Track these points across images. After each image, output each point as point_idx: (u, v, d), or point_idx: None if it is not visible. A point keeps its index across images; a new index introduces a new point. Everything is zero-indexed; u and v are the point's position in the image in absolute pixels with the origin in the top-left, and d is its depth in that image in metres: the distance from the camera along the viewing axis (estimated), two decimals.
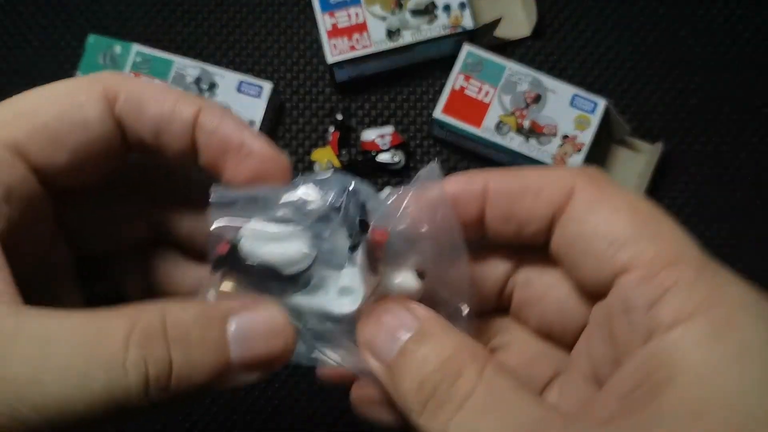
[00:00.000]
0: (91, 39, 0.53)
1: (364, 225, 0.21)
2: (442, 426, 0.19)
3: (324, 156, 0.54)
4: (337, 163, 0.54)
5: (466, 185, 0.23)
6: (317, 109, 0.57)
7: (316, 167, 0.54)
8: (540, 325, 0.25)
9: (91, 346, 0.17)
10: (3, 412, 0.16)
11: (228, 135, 0.23)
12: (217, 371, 0.19)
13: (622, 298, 0.20)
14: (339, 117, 0.55)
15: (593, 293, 0.22)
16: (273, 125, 0.56)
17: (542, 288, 0.24)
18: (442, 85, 0.53)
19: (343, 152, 0.55)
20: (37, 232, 0.22)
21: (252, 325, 0.20)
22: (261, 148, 0.23)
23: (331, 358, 0.22)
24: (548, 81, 0.51)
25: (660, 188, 0.55)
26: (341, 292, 0.22)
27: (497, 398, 0.19)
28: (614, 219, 0.21)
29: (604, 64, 0.57)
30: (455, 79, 0.51)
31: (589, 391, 0.22)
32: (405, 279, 0.22)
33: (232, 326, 0.19)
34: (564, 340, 0.24)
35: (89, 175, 0.23)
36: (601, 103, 0.51)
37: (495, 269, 0.25)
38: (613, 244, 0.20)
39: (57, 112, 0.21)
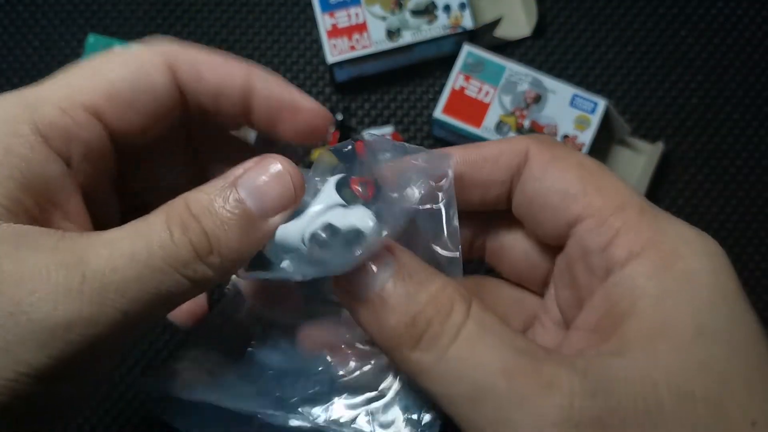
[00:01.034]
0: (91, 38, 0.53)
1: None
2: (437, 357, 0.20)
3: (324, 156, 0.54)
4: (336, 163, 0.54)
5: None
6: None
7: None
8: (511, 274, 0.27)
9: (145, 238, 0.20)
10: (94, 298, 0.19)
11: (281, 97, 0.25)
12: (244, 223, 0.21)
13: (580, 245, 0.23)
14: (339, 117, 0.55)
15: (553, 244, 0.24)
16: None
17: (509, 240, 0.27)
18: (442, 85, 0.53)
19: None
20: (102, 186, 0.25)
21: (257, 177, 0.22)
22: (310, 105, 0.26)
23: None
24: (548, 81, 0.51)
25: (660, 188, 0.55)
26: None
27: (487, 330, 0.20)
28: (565, 176, 0.23)
29: (604, 64, 0.57)
30: (455, 79, 0.51)
31: (560, 335, 0.25)
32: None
33: (242, 186, 0.21)
34: (535, 287, 0.27)
35: (151, 135, 0.25)
36: (601, 103, 0.51)
37: (465, 226, 0.27)
38: (565, 198, 0.23)
39: (130, 80, 0.24)
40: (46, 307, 0.19)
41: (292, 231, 0.22)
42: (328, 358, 0.25)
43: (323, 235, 0.21)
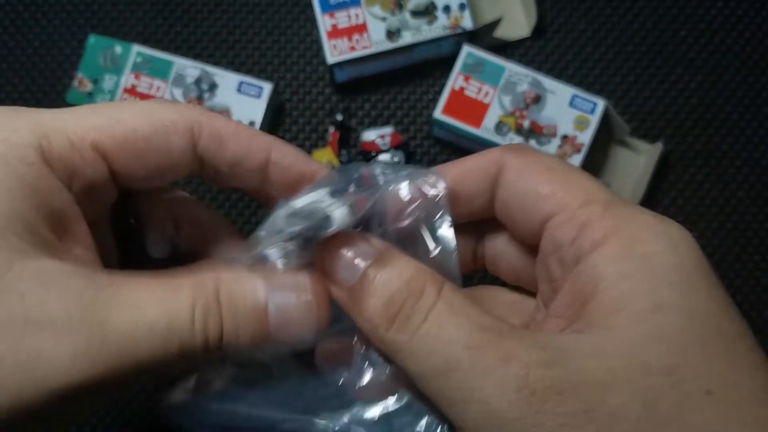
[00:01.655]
0: (92, 39, 0.53)
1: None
2: (410, 336, 0.22)
3: (324, 156, 0.55)
4: (337, 163, 0.54)
5: None
6: (317, 109, 0.57)
7: None
8: (510, 277, 0.29)
9: (169, 312, 0.21)
10: (109, 363, 0.20)
11: (302, 171, 0.27)
12: (257, 339, 0.22)
13: (552, 240, 0.24)
14: (339, 117, 0.55)
15: (532, 245, 0.26)
16: (273, 126, 0.56)
17: (504, 246, 0.28)
18: (442, 86, 0.53)
19: (343, 152, 0.55)
20: (102, 216, 0.26)
21: (289, 298, 0.23)
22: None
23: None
24: (548, 81, 0.51)
25: (660, 188, 0.55)
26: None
27: (456, 309, 0.22)
28: (536, 178, 0.25)
29: (604, 64, 0.57)
30: (455, 80, 0.51)
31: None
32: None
33: (272, 299, 0.23)
34: (533, 288, 0.28)
35: (155, 184, 0.26)
36: (601, 104, 0.51)
37: (465, 238, 0.29)
38: (537, 198, 0.24)
39: (146, 133, 0.24)
40: (62, 362, 0.19)
41: (279, 215, 0.24)
42: (347, 372, 0.26)
43: (300, 212, 0.23)
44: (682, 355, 0.19)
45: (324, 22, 0.52)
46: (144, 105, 0.25)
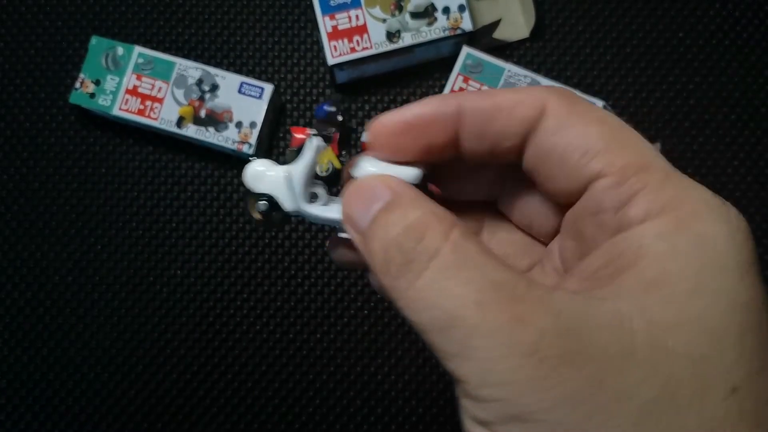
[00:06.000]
0: (94, 40, 0.54)
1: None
2: (408, 284, 0.20)
3: (325, 157, 0.55)
4: (337, 163, 0.55)
5: (440, 106, 0.23)
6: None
7: (317, 168, 0.55)
8: (520, 221, 0.26)
9: None
10: None
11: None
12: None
13: (594, 201, 0.22)
14: (339, 118, 0.55)
15: (566, 201, 0.23)
16: (274, 126, 0.57)
17: (523, 192, 0.26)
18: (442, 87, 0.54)
19: (344, 153, 0.56)
20: None
21: None
22: None
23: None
24: (546, 82, 0.52)
25: None
26: None
27: (464, 259, 0.19)
28: (586, 132, 0.22)
29: (602, 65, 0.57)
30: (454, 81, 0.52)
31: (555, 280, 0.24)
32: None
33: None
34: (542, 237, 0.26)
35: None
36: (599, 104, 0.51)
37: (484, 175, 0.27)
38: (585, 154, 0.21)
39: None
40: None
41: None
42: None
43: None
44: (715, 345, 0.18)
45: (324, 24, 0.53)
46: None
